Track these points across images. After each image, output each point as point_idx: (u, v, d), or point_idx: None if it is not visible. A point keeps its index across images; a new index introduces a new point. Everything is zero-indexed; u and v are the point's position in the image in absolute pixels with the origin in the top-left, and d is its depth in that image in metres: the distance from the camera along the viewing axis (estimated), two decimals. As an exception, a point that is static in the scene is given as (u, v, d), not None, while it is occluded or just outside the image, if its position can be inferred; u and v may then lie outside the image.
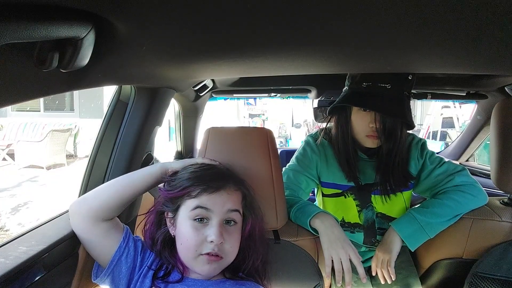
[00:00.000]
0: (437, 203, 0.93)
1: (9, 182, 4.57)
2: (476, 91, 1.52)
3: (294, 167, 1.04)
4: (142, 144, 0.97)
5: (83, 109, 6.51)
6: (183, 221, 0.67)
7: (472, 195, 0.92)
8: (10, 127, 5.90)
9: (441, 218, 0.91)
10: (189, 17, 0.44)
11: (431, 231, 0.91)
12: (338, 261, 0.79)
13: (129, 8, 0.41)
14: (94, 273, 0.72)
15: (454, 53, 0.61)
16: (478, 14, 0.40)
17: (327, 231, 0.83)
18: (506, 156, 0.89)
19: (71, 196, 0.94)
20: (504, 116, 0.90)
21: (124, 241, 0.71)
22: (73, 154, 6.15)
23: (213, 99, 1.79)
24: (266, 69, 0.78)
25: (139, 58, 0.63)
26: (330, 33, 0.50)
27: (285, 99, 1.99)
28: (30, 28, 0.35)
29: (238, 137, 0.86)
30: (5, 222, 3.28)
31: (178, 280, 0.69)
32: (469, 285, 0.90)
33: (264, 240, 0.77)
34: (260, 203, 0.77)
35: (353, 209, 1.03)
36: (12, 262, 0.57)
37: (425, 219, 0.91)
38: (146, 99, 0.94)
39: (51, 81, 0.51)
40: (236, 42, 0.56)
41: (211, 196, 0.66)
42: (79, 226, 0.70)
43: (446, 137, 6.18)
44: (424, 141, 1.05)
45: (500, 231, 0.90)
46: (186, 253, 0.67)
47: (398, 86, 0.90)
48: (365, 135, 0.95)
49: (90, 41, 0.45)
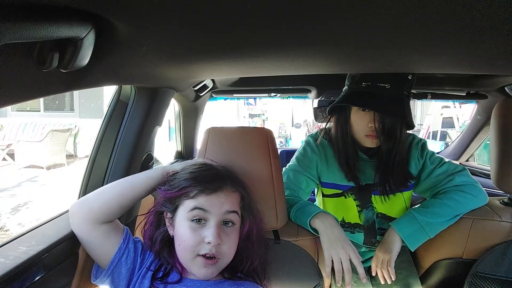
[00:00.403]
0: (437, 203, 0.93)
1: (9, 182, 4.57)
2: (476, 91, 1.52)
3: (294, 167, 1.04)
4: (142, 144, 0.97)
5: (83, 109, 6.51)
6: (181, 222, 0.67)
7: (472, 195, 0.93)
8: (10, 127, 5.90)
9: (441, 218, 0.91)
10: (189, 17, 0.44)
11: (431, 231, 0.91)
12: (338, 261, 0.79)
13: (129, 8, 0.41)
14: (94, 274, 0.72)
15: (454, 53, 0.61)
16: (478, 14, 0.40)
17: (327, 231, 0.83)
18: (506, 156, 0.89)
19: (71, 196, 0.94)
20: (504, 116, 0.90)
21: (124, 242, 0.70)
22: (73, 154, 6.15)
23: (213, 99, 1.79)
24: (266, 69, 0.78)
25: (139, 58, 0.63)
26: (330, 33, 0.50)
27: (285, 99, 1.99)
28: (30, 28, 0.35)
29: (238, 137, 0.86)
30: (5, 222, 3.28)
31: (177, 280, 0.69)
32: (469, 285, 0.90)
33: (262, 241, 0.77)
34: (260, 203, 0.77)
35: (353, 209, 1.03)
36: (12, 262, 0.57)
37: (425, 219, 0.91)
38: (146, 99, 0.94)
39: (51, 81, 0.51)
40: (236, 42, 0.56)
41: (209, 197, 0.66)
42: (79, 227, 0.70)
43: (446, 137, 6.17)
44: (425, 141, 1.05)
45: (500, 231, 0.90)
46: (184, 254, 0.67)
47: (397, 86, 0.90)
48: (365, 134, 0.95)
49: (90, 41, 0.45)
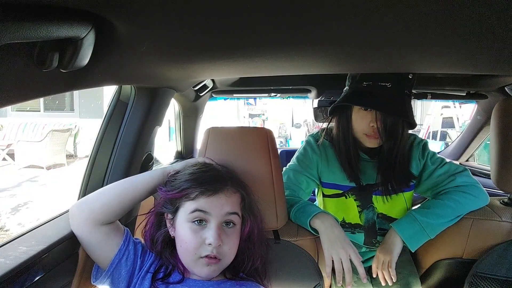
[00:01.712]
0: (438, 204, 0.93)
1: (9, 182, 4.57)
2: (476, 91, 1.52)
3: (294, 167, 1.03)
4: (142, 144, 0.97)
5: (83, 109, 6.51)
6: (182, 224, 0.67)
7: (473, 195, 0.92)
8: (10, 127, 5.90)
9: (442, 219, 0.91)
10: (189, 17, 0.44)
11: (432, 232, 0.90)
12: (339, 261, 0.79)
13: (129, 8, 0.41)
14: (94, 275, 0.72)
15: (454, 53, 0.61)
16: (478, 14, 0.40)
17: (327, 231, 0.83)
18: (506, 156, 0.89)
19: (71, 196, 0.94)
20: (504, 116, 0.90)
21: (124, 244, 0.70)
22: (73, 154, 6.15)
23: (213, 99, 1.79)
24: (266, 69, 0.78)
25: (139, 58, 0.63)
26: (330, 33, 0.50)
27: (285, 99, 1.99)
28: (30, 28, 0.35)
29: (238, 137, 0.86)
30: (5, 222, 3.28)
31: (178, 281, 0.69)
32: (469, 285, 0.90)
33: (263, 242, 0.77)
34: (260, 203, 0.77)
35: (354, 209, 1.03)
36: (12, 262, 0.56)
37: (426, 220, 0.91)
38: (146, 99, 0.94)
39: (51, 81, 0.51)
40: (236, 42, 0.56)
41: (209, 199, 0.66)
42: (79, 228, 0.69)
43: (446, 137, 6.17)
44: (426, 141, 1.04)
45: (500, 231, 0.90)
46: (185, 256, 0.67)
47: (398, 84, 0.90)
48: (366, 134, 0.95)
49: (90, 41, 0.45)
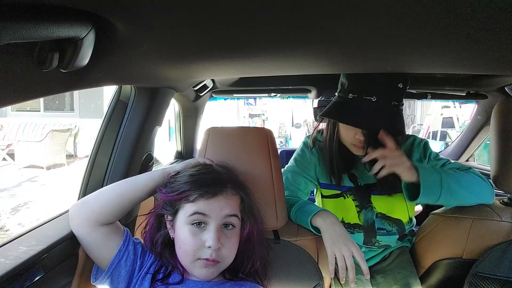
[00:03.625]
0: (463, 175, 0.90)
1: (9, 182, 4.57)
2: (476, 91, 1.51)
3: (292, 169, 1.04)
4: (142, 144, 0.97)
5: (83, 109, 6.51)
6: (181, 226, 0.67)
7: (487, 185, 0.91)
8: (10, 127, 5.89)
9: (460, 189, 0.87)
10: (189, 17, 0.44)
11: (443, 196, 0.85)
12: (341, 258, 0.79)
13: (129, 8, 0.41)
14: (93, 275, 0.72)
15: (454, 53, 0.61)
16: (478, 14, 0.40)
17: (329, 229, 0.83)
18: (506, 156, 0.89)
19: (71, 196, 0.94)
20: (504, 116, 0.90)
21: (124, 244, 0.70)
22: (73, 154, 6.15)
23: (213, 99, 1.79)
24: (266, 69, 0.78)
25: (139, 58, 0.63)
26: (330, 33, 0.50)
27: (285, 99, 1.99)
28: (30, 28, 0.35)
29: (238, 137, 0.86)
30: (5, 222, 3.28)
31: (178, 281, 0.69)
32: (469, 285, 0.90)
33: (263, 243, 0.76)
34: (260, 203, 0.77)
35: (353, 209, 1.03)
36: (12, 262, 0.57)
37: (448, 181, 0.86)
38: (146, 99, 0.94)
39: (51, 81, 0.51)
40: (236, 42, 0.56)
41: (209, 201, 0.66)
42: (79, 229, 0.69)
43: (446, 137, 6.17)
44: (426, 141, 1.04)
45: (500, 231, 0.90)
46: (184, 257, 0.67)
47: (385, 98, 0.89)
48: (352, 144, 0.97)
49: (90, 41, 0.45)
